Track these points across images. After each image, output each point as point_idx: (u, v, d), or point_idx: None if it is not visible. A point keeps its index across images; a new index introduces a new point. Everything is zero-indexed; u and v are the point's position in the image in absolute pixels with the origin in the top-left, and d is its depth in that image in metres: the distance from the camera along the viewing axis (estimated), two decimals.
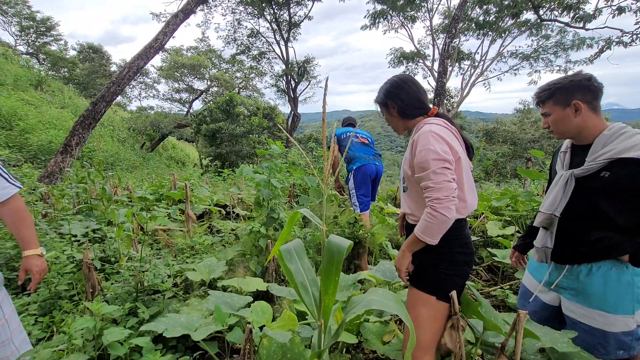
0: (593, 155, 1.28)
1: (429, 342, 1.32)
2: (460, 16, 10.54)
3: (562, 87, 1.32)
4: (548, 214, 1.37)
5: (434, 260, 1.32)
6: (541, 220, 1.40)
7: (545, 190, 1.62)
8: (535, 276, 1.55)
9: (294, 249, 0.94)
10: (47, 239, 2.65)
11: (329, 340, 0.92)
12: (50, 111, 12.13)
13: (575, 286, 1.36)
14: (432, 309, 1.31)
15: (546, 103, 1.38)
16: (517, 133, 16.32)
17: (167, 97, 24.89)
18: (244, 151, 14.05)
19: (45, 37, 24.34)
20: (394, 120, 1.47)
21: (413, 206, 1.37)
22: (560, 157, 1.45)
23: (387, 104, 1.45)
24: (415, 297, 1.35)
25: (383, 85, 1.49)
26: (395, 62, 21.16)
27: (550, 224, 1.37)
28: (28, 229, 1.46)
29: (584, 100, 1.29)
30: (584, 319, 1.33)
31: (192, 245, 3.08)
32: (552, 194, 1.38)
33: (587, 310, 1.32)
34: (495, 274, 3.10)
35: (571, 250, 1.36)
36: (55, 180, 6.00)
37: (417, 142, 1.26)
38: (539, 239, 1.44)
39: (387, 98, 1.45)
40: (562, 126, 1.35)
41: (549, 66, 18.74)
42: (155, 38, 7.55)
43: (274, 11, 18.81)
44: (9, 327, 1.38)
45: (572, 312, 1.37)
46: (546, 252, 1.40)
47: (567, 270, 1.38)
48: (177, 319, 1.58)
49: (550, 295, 1.46)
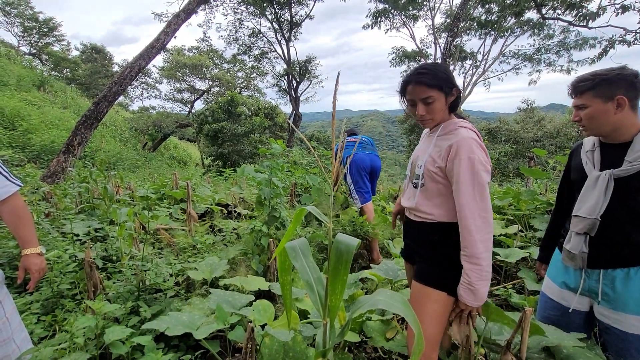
0: (635, 154, 1.21)
1: (437, 338, 1.32)
2: (463, 15, 10.50)
3: (608, 80, 1.23)
4: (592, 219, 1.28)
5: (448, 257, 1.31)
6: (583, 226, 1.30)
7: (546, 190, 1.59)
8: (557, 282, 1.47)
9: (299, 247, 0.93)
10: (50, 238, 2.65)
11: (334, 340, 0.91)
12: (52, 111, 12.18)
13: (610, 291, 1.29)
14: (442, 305, 1.30)
15: (585, 94, 1.28)
16: (519, 132, 16.24)
17: (169, 97, 24.96)
18: (246, 151, 14.07)
19: (48, 37, 24.48)
20: (440, 110, 1.32)
21: (425, 203, 1.35)
22: (588, 157, 1.36)
23: (447, 92, 1.31)
24: (423, 294, 1.32)
25: (437, 67, 1.30)
26: (397, 62, 21.16)
27: (592, 228, 1.29)
28: (27, 227, 1.46)
29: (627, 97, 1.21)
30: (618, 325, 1.28)
31: (194, 245, 3.08)
32: (591, 197, 1.29)
33: (622, 316, 1.27)
34: (498, 273, 3.08)
35: (608, 254, 1.30)
36: (58, 180, 6.02)
37: (459, 148, 1.21)
38: (574, 244, 1.33)
39: (452, 84, 1.31)
40: (598, 121, 1.27)
41: (551, 66, 18.69)
42: (157, 38, 7.56)
43: (275, 11, 18.82)
44: (10, 326, 1.37)
45: (605, 317, 1.32)
46: (583, 258, 1.32)
47: (601, 275, 1.31)
48: (179, 318, 1.58)
49: (580, 300, 1.39)
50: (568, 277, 1.43)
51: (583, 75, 1.31)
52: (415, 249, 1.46)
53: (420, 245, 1.42)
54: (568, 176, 1.52)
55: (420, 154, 1.41)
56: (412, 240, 1.49)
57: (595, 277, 1.33)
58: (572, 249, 1.34)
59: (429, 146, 1.36)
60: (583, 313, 1.41)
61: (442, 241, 1.33)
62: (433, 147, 1.33)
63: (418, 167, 1.37)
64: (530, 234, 3.21)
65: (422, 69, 1.30)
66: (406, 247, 1.58)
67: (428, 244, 1.38)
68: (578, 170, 1.41)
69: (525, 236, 3.17)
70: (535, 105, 18.31)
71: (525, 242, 3.07)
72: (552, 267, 1.55)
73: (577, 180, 1.40)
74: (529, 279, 2.35)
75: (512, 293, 2.36)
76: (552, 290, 1.50)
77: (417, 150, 1.50)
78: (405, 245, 1.59)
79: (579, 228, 1.31)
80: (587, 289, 1.36)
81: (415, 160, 1.44)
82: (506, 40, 19.06)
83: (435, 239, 1.35)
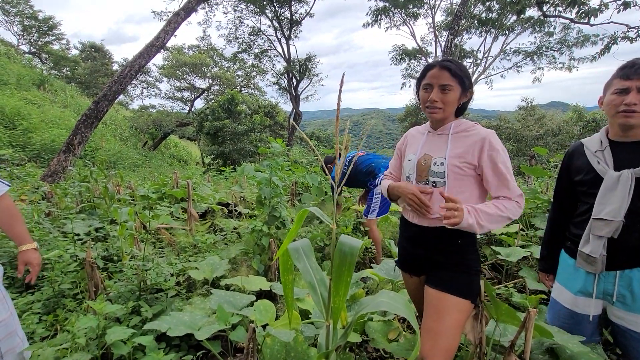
0: None
1: (455, 349, 1.26)
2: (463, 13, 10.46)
3: None
4: (617, 222, 1.23)
5: (472, 262, 1.30)
6: (609, 230, 1.25)
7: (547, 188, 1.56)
8: (572, 290, 1.41)
9: (302, 248, 0.92)
10: (51, 238, 2.65)
11: (337, 341, 0.91)
12: (52, 110, 12.18)
13: (626, 292, 1.26)
14: (466, 315, 1.27)
15: None
16: (520, 130, 16.22)
17: (169, 95, 24.96)
18: (246, 149, 14.08)
19: (48, 36, 24.44)
20: (452, 104, 1.31)
21: None
22: (598, 157, 1.32)
23: (464, 88, 1.31)
24: (446, 302, 1.25)
25: (462, 65, 1.32)
26: (398, 60, 21.10)
27: (616, 231, 1.25)
28: (21, 225, 1.52)
29: None
30: (634, 327, 1.26)
31: (195, 244, 3.07)
32: (614, 198, 1.25)
33: (639, 318, 1.24)
34: (499, 272, 3.08)
35: (625, 255, 1.26)
36: (58, 179, 6.01)
37: (493, 142, 1.27)
38: (594, 248, 1.29)
39: (470, 84, 1.32)
40: None
41: (552, 63, 18.63)
42: (157, 36, 7.54)
43: (275, 9, 18.76)
44: (14, 319, 1.42)
45: (620, 320, 1.29)
46: (603, 261, 1.28)
47: (617, 276, 1.28)
48: (181, 318, 1.57)
49: (595, 304, 1.35)
50: (582, 282, 1.37)
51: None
52: (433, 258, 1.34)
53: (443, 252, 1.32)
54: (568, 177, 1.46)
55: (432, 152, 1.35)
56: (428, 249, 1.35)
57: (611, 279, 1.29)
58: (592, 252, 1.29)
59: (443, 144, 1.33)
60: (596, 317, 1.38)
61: (470, 242, 1.31)
62: (452, 144, 1.31)
63: (435, 164, 1.31)
64: (531, 232, 3.20)
65: (448, 60, 1.32)
66: (409, 257, 1.44)
67: (450, 249, 1.30)
68: (586, 171, 1.36)
69: (526, 235, 3.17)
70: (535, 104, 18.29)
71: (526, 240, 3.07)
72: (563, 273, 1.48)
73: (587, 181, 1.35)
74: (530, 278, 2.35)
75: (513, 292, 2.36)
76: (565, 297, 1.44)
77: (420, 148, 1.40)
78: (408, 255, 1.44)
79: (604, 232, 1.26)
80: (602, 291, 1.32)
81: (423, 159, 1.36)
82: (507, 38, 19.00)
83: (462, 242, 1.29)
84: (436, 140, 1.36)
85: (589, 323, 1.37)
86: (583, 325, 1.39)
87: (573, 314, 1.41)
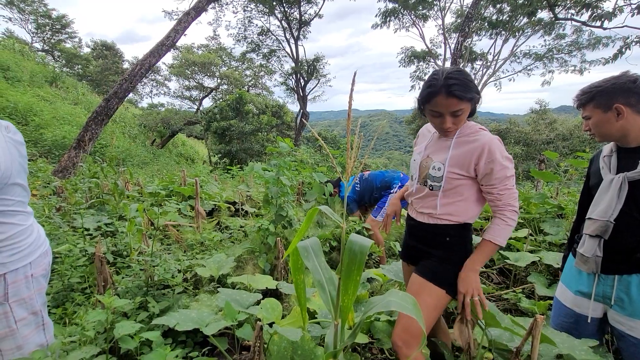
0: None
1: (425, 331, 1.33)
2: (474, 15, 10.38)
3: (604, 91, 1.27)
4: (603, 221, 1.28)
5: (457, 258, 1.37)
6: (594, 228, 1.31)
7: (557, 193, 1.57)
8: (572, 290, 1.46)
9: (311, 246, 0.92)
10: (61, 232, 2.69)
11: (344, 341, 0.91)
12: (64, 107, 12.36)
13: (624, 297, 1.28)
14: (436, 299, 1.35)
15: (587, 106, 1.34)
16: (530, 134, 16.02)
17: (177, 94, 25.16)
18: (253, 149, 14.14)
19: (60, 34, 24.87)
20: (465, 119, 1.34)
21: (445, 206, 1.37)
22: (605, 161, 1.37)
23: (474, 101, 1.31)
24: (421, 286, 1.37)
25: (465, 76, 1.26)
26: (406, 62, 21.01)
27: (605, 231, 1.29)
28: None
29: (627, 104, 1.23)
30: (633, 332, 1.26)
31: (202, 241, 3.09)
32: (604, 199, 1.30)
33: (637, 323, 1.25)
34: (507, 277, 3.04)
35: (623, 259, 1.28)
36: (69, 175, 6.10)
37: (492, 150, 1.28)
38: (588, 248, 1.34)
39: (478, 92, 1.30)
40: (604, 130, 1.31)
41: (563, 66, 18.36)
42: (167, 35, 7.61)
43: (284, 9, 18.84)
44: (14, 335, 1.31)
45: (619, 324, 1.31)
46: (597, 262, 1.32)
47: (616, 280, 1.30)
48: (188, 315, 1.59)
49: (594, 306, 1.38)
50: (582, 283, 1.41)
51: (583, 88, 1.36)
52: (424, 250, 1.45)
53: (432, 246, 1.43)
54: (587, 182, 1.51)
55: (433, 155, 1.39)
56: (421, 242, 1.47)
57: (610, 282, 1.31)
58: (585, 252, 1.34)
59: (446, 148, 1.36)
60: (596, 319, 1.39)
61: (458, 241, 1.37)
62: (453, 149, 1.34)
63: (434, 168, 1.36)
64: (540, 237, 3.16)
65: (451, 79, 1.23)
66: (409, 249, 1.56)
67: (443, 244, 1.40)
68: (596, 175, 1.42)
69: (535, 240, 3.12)
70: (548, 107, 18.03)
71: (535, 246, 3.03)
72: (566, 273, 1.52)
73: (594, 185, 1.40)
74: (539, 284, 2.32)
75: (521, 297, 2.33)
76: (566, 296, 1.49)
77: (424, 149, 1.45)
78: (408, 246, 1.57)
79: (591, 230, 1.32)
80: (601, 294, 1.34)
81: (425, 161, 1.41)
82: (517, 40, 18.78)
83: (450, 240, 1.38)
84: (440, 143, 1.41)
85: (587, 324, 1.39)
86: (581, 325, 1.41)
87: (573, 313, 1.44)
